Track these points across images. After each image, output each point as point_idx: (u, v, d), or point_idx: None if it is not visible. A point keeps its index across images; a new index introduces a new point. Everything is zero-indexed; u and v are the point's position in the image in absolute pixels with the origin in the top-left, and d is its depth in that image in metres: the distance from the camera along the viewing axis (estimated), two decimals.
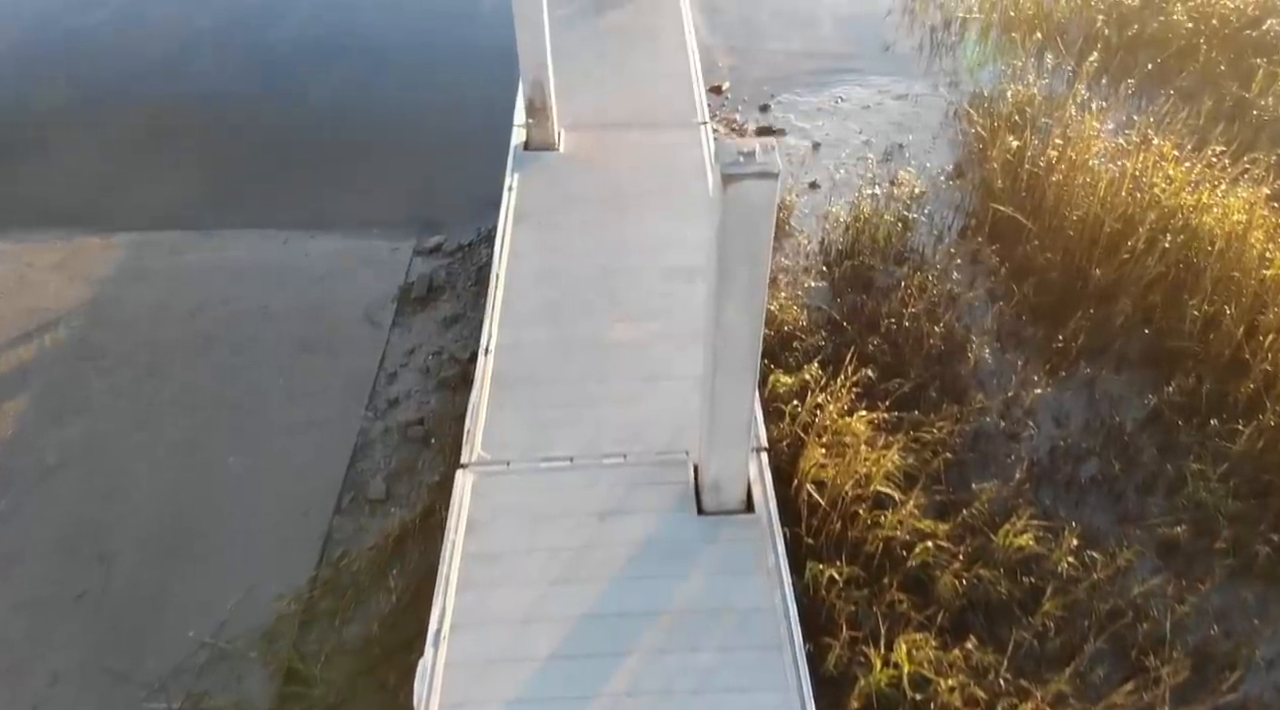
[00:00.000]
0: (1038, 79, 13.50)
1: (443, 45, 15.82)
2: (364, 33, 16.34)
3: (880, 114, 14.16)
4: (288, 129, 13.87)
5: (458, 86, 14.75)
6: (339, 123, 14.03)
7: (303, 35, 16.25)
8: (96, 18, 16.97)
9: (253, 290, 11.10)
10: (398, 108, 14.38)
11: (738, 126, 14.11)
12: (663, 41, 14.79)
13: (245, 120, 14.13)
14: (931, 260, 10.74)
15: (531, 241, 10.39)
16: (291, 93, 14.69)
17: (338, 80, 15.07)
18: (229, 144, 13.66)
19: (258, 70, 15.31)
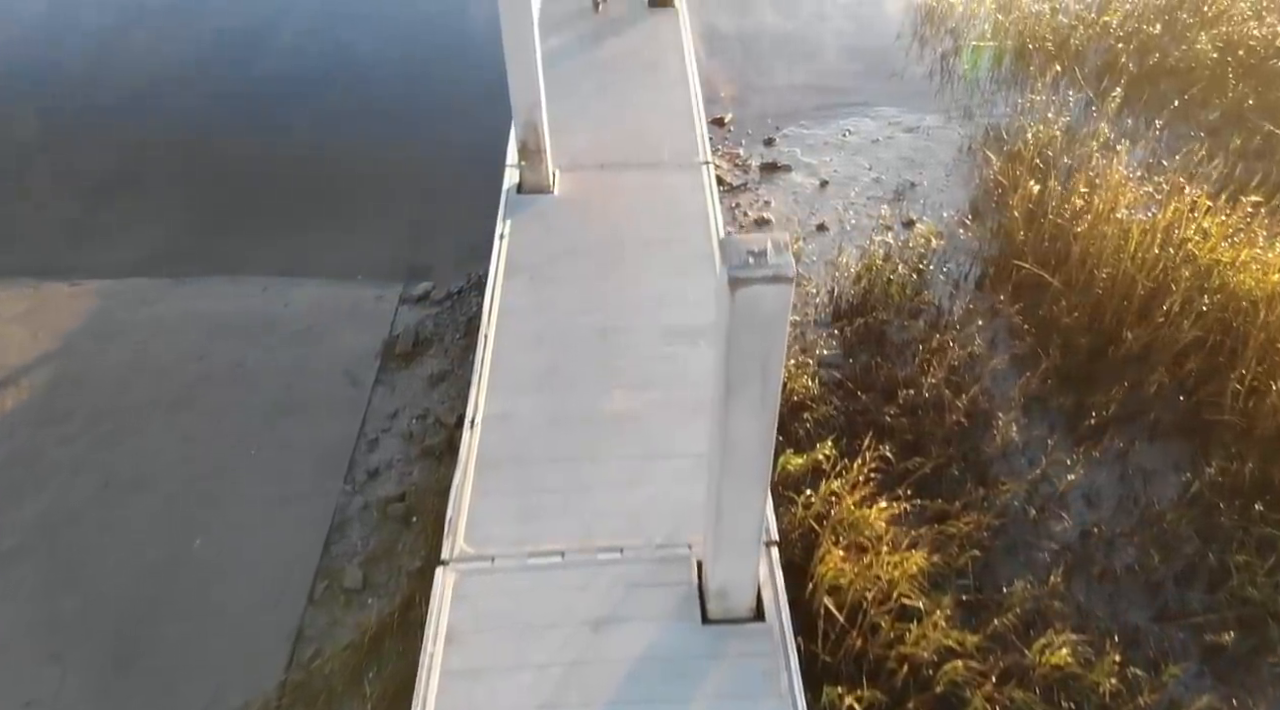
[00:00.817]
0: (1057, 114, 12.90)
1: (433, 79, 15.18)
2: (350, 65, 15.67)
3: (890, 148, 13.53)
4: (268, 167, 13.19)
5: (448, 122, 14.11)
6: (323, 160, 13.35)
7: (285, 68, 15.60)
8: (67, 47, 16.37)
9: (227, 345, 10.46)
10: (385, 145, 13.70)
11: (741, 162, 13.48)
12: (663, 73, 14.18)
13: (223, 158, 13.45)
14: (949, 315, 10.08)
15: (523, 298, 9.75)
16: (272, 129, 14.03)
17: (322, 115, 14.42)
18: (206, 184, 12.99)
19: (237, 105, 14.63)
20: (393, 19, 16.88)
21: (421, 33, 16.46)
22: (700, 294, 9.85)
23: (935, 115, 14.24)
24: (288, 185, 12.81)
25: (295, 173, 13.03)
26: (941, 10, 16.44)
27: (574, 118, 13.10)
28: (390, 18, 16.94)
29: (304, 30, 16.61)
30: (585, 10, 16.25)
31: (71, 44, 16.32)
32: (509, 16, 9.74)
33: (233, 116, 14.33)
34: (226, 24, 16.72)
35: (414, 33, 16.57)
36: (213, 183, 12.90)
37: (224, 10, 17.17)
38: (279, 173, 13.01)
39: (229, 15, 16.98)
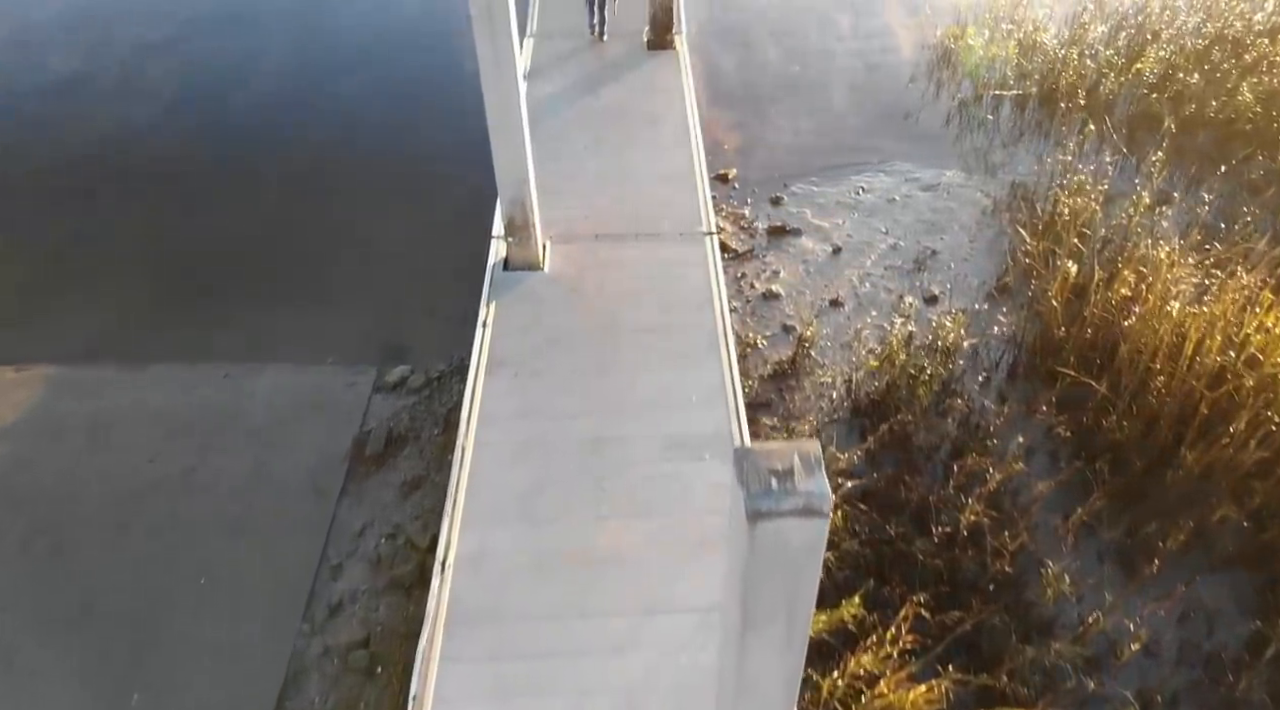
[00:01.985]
0: (1092, 177, 11.89)
1: (416, 133, 14.17)
2: (323, 119, 14.64)
3: (908, 209, 12.54)
4: (233, 236, 12.16)
5: (432, 182, 13.07)
6: (292, 226, 12.31)
7: (251, 124, 14.57)
8: (26, 86, 15.45)
9: (181, 445, 9.46)
10: (361, 207, 12.67)
11: (747, 224, 12.49)
12: (663, 127, 13.19)
13: (184, 226, 12.41)
14: (981, 419, 9.06)
15: (506, 399, 8.74)
16: (238, 193, 12.98)
17: (292, 177, 13.33)
18: (165, 255, 11.93)
19: (199, 166, 13.58)
20: (373, 65, 15.92)
21: (404, 81, 15.50)
22: (704, 392, 8.87)
23: (955, 170, 13.25)
24: (254, 255, 11.79)
25: (262, 241, 12.01)
26: (959, 53, 15.47)
27: (567, 179, 12.17)
28: (370, 63, 15.99)
29: (274, 80, 15.62)
30: (580, 53, 15.31)
31: (29, 92, 15.39)
32: (493, 89, 8.77)
33: (195, 179, 13.27)
34: (191, 75, 15.73)
35: (395, 78, 15.63)
36: (172, 254, 11.86)
37: (189, 61, 16.17)
38: (244, 242, 11.99)
39: (193, 67, 15.98)
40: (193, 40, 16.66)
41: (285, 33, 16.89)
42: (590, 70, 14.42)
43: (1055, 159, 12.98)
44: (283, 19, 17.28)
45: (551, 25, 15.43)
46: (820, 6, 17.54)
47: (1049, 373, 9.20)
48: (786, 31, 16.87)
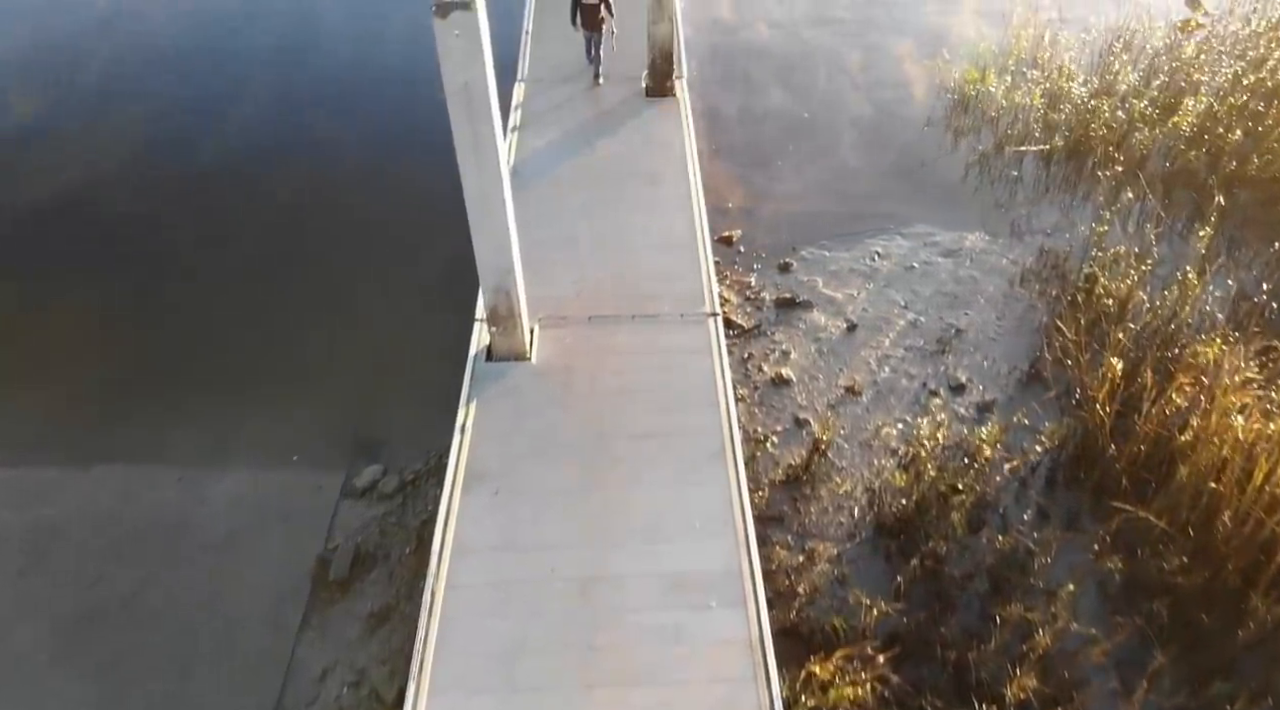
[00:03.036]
0: (1129, 249, 10.96)
1: (398, 182, 13.20)
2: (300, 165, 13.67)
3: (928, 279, 11.56)
4: (198, 305, 11.20)
5: (415, 235, 12.10)
6: (263, 294, 11.35)
7: (227, 166, 13.65)
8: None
9: (127, 564, 8.45)
10: (337, 269, 11.72)
11: (753, 294, 11.50)
12: (663, 187, 12.19)
13: (145, 296, 11.43)
14: (1020, 539, 8.07)
15: (485, 524, 7.70)
16: (208, 252, 12.02)
17: (265, 232, 12.38)
18: (116, 339, 10.91)
19: (166, 222, 12.62)
20: (353, 111, 14.97)
21: (385, 127, 14.53)
22: (709, 515, 7.76)
23: (978, 232, 12.27)
24: (218, 330, 10.78)
25: (228, 314, 11.01)
26: (980, 101, 14.49)
27: (559, 249, 11.11)
28: (350, 109, 15.03)
29: (248, 128, 14.62)
30: (574, 99, 14.31)
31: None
32: (473, 177, 7.79)
33: (158, 241, 12.25)
34: (159, 122, 14.72)
35: (376, 125, 14.66)
36: (129, 330, 10.88)
37: (157, 107, 15.13)
38: (208, 315, 11.00)
39: (162, 113, 14.95)
40: (162, 83, 15.69)
41: (262, 75, 15.95)
42: (585, 120, 13.47)
43: (1087, 222, 12.08)
44: (260, 59, 16.34)
45: (543, 68, 14.49)
46: (828, 43, 16.60)
47: (1096, 487, 8.23)
48: (792, 70, 15.92)
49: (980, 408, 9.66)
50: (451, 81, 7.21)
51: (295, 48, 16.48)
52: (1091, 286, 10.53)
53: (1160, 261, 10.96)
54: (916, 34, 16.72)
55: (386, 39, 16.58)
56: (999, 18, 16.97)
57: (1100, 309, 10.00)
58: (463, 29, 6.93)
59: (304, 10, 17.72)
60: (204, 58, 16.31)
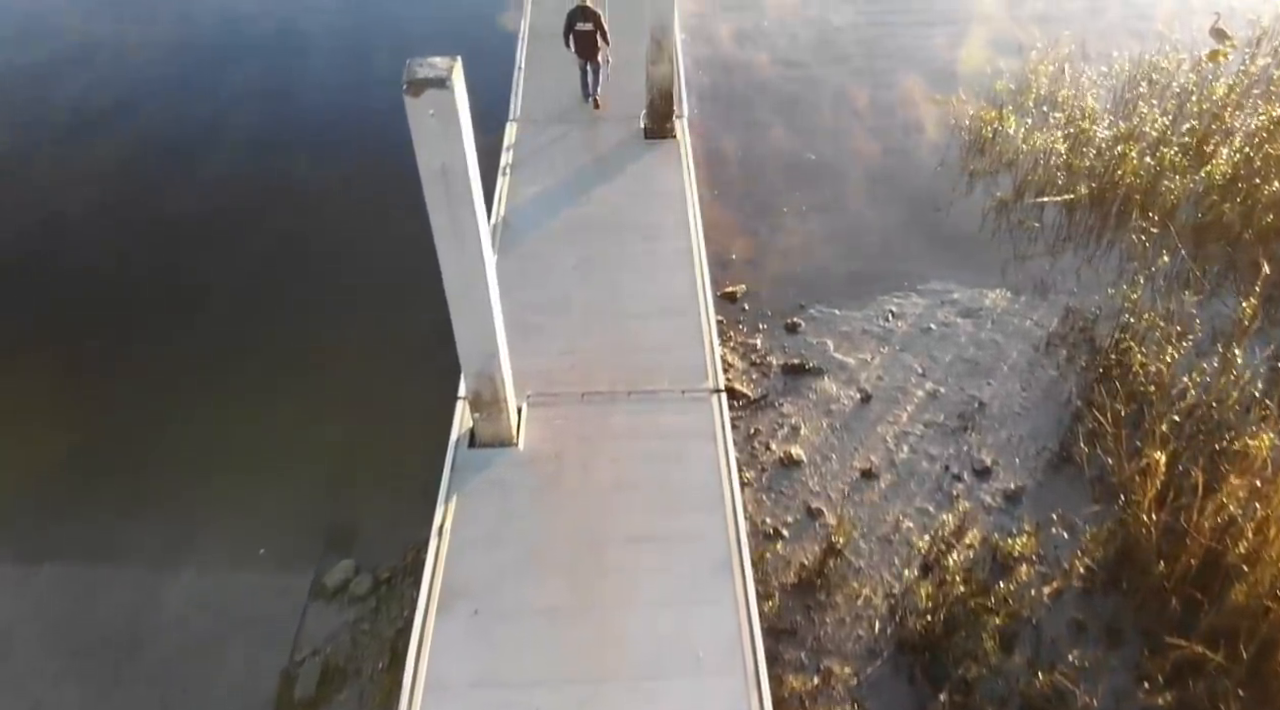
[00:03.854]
0: (1156, 294, 10.23)
1: (383, 227, 12.39)
2: (278, 205, 12.91)
3: (946, 342, 10.78)
4: (161, 374, 10.39)
5: (398, 291, 11.29)
6: (231, 359, 10.54)
7: (201, 207, 12.85)
8: None
9: (74, 683, 7.67)
10: (313, 328, 10.90)
11: (759, 358, 10.72)
12: (663, 243, 11.35)
13: (105, 361, 10.63)
14: (1058, 664, 7.28)
15: (462, 654, 6.85)
16: (174, 309, 11.21)
17: (237, 287, 11.59)
18: (77, 404, 10.13)
19: (133, 272, 11.82)
20: (337, 146, 14.18)
21: (372, 167, 13.73)
22: (715, 643, 6.93)
23: (998, 289, 11.49)
24: (182, 403, 9.99)
25: (193, 383, 10.21)
26: (997, 143, 13.73)
27: (551, 313, 10.28)
28: (334, 144, 14.24)
29: (226, 163, 13.84)
30: (568, 141, 13.49)
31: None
32: (452, 263, 7.00)
33: (123, 296, 11.42)
34: (133, 156, 13.97)
35: (362, 163, 13.87)
36: (84, 404, 10.06)
37: (132, 138, 14.37)
38: (172, 384, 10.19)
39: (137, 145, 14.20)
40: (135, 121, 14.92)
41: (239, 115, 15.14)
42: (580, 165, 12.69)
43: (1115, 278, 11.33)
44: (238, 98, 15.54)
45: (536, 107, 13.72)
46: (833, 76, 15.83)
47: (1140, 605, 7.45)
48: (796, 106, 15.16)
49: (1008, 496, 8.89)
50: (427, 165, 6.44)
51: (275, 86, 15.68)
52: (1122, 355, 9.78)
53: (1197, 330, 10.20)
54: (926, 66, 15.97)
55: (371, 78, 15.78)
56: (1014, 49, 16.25)
57: (1135, 387, 9.23)
58: (438, 108, 6.15)
59: (286, 46, 16.95)
60: (180, 95, 15.53)
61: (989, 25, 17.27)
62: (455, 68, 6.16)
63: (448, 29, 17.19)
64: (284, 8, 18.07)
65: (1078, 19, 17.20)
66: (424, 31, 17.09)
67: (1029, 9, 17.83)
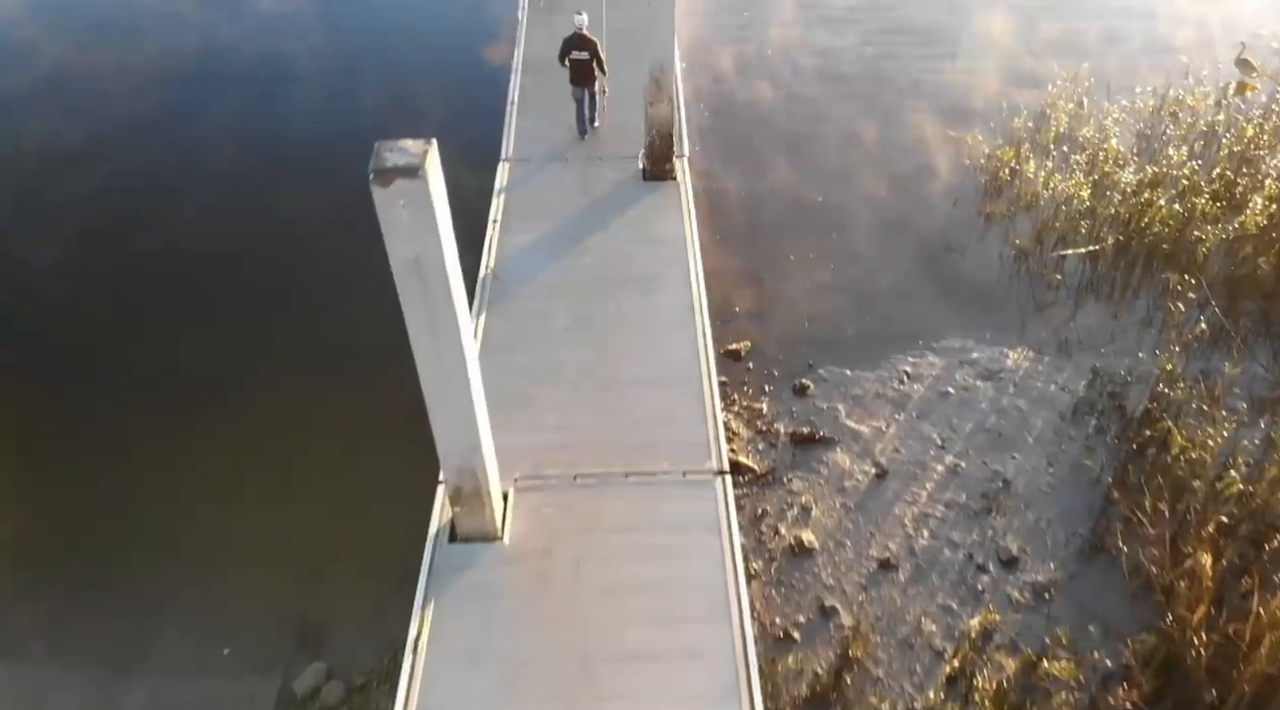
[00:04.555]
0: (1187, 354, 9.50)
1: (366, 280, 11.69)
2: (254, 259, 12.17)
3: (966, 409, 10.06)
4: (120, 452, 9.59)
5: (380, 355, 10.59)
6: (197, 436, 9.75)
7: (173, 261, 12.11)
8: None
9: None
10: (285, 401, 10.11)
11: (766, 425, 9.99)
12: (663, 298, 10.61)
13: (62, 435, 9.85)
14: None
15: None
16: (138, 376, 10.43)
17: (205, 350, 10.79)
18: (28, 485, 9.34)
19: (98, 333, 11.03)
20: (319, 190, 13.45)
21: (354, 209, 13.02)
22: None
23: (1019, 348, 10.77)
24: (143, 485, 9.23)
25: (156, 463, 9.42)
26: (1016, 186, 13.00)
27: (541, 381, 9.52)
28: (315, 187, 13.51)
29: (200, 211, 13.12)
30: (563, 182, 12.66)
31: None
32: (429, 359, 6.29)
33: (86, 359, 10.66)
34: (103, 199, 13.24)
35: (344, 207, 13.16)
36: (36, 485, 9.31)
37: (105, 181, 13.63)
38: (131, 464, 9.42)
39: (109, 188, 13.49)
40: (114, 147, 14.25)
41: (218, 149, 14.42)
42: (575, 211, 11.97)
43: (1143, 335, 10.65)
44: (217, 130, 14.83)
45: (529, 145, 13.01)
46: (840, 110, 15.13)
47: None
48: (801, 142, 14.46)
49: (1037, 591, 8.17)
50: (399, 257, 5.73)
51: (256, 119, 14.97)
52: (1155, 426, 9.09)
53: (1236, 399, 9.52)
54: (937, 99, 15.28)
55: (359, 108, 15.12)
56: (1029, 80, 15.58)
57: (1174, 472, 8.53)
58: (410, 199, 5.44)
59: (268, 74, 16.26)
60: (155, 127, 14.84)
61: (1002, 55, 16.58)
62: (429, 153, 5.45)
63: (436, 57, 16.48)
64: (266, 34, 17.38)
65: (1095, 49, 16.53)
66: (411, 60, 16.38)
67: (1042, 36, 17.16)
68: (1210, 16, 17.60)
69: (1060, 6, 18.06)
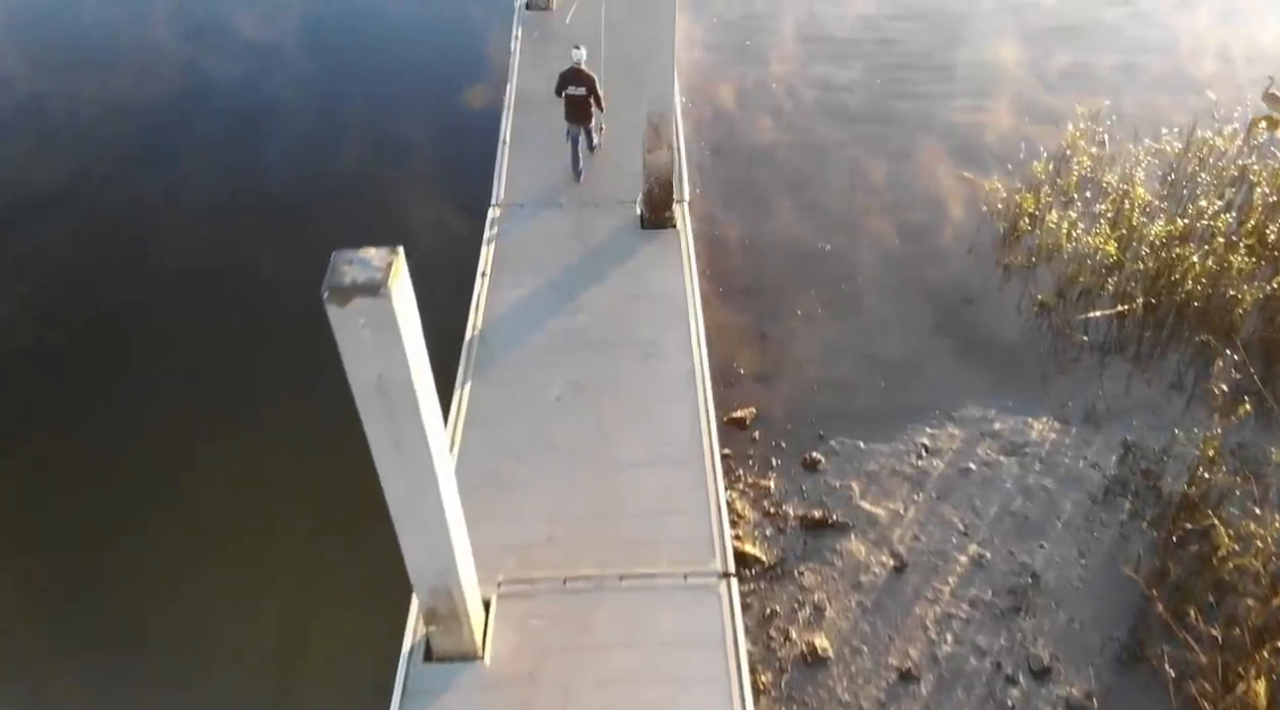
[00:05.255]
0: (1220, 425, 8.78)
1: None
2: (233, 302, 11.54)
3: (990, 489, 9.31)
4: (69, 551, 8.79)
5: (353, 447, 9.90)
6: (148, 549, 8.83)
7: (146, 313, 11.40)
8: None
9: None
10: (260, 477, 9.31)
11: (773, 505, 9.23)
12: (662, 365, 9.87)
13: (19, 517, 9.14)
14: None
15: None
16: (89, 463, 9.57)
17: (174, 413, 10.05)
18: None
19: (60, 393, 10.33)
20: (303, 229, 12.73)
21: None
22: None
23: (1044, 418, 10.02)
24: (94, 596, 8.47)
25: (105, 573, 8.61)
26: (1036, 234, 12.24)
27: (529, 463, 8.76)
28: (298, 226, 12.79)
29: (178, 252, 12.41)
30: (555, 230, 11.90)
31: None
32: (395, 479, 5.56)
33: (28, 448, 9.81)
34: (78, 247, 12.54)
35: None
36: None
37: (83, 223, 12.92)
38: (82, 575, 8.60)
39: (86, 232, 12.78)
40: (81, 189, 13.53)
41: (199, 183, 13.73)
42: (568, 263, 11.23)
43: (1177, 404, 9.93)
44: (198, 163, 14.12)
45: (521, 188, 12.29)
46: (846, 148, 14.36)
47: None
48: (808, 183, 13.70)
49: (1072, 708, 7.43)
50: (360, 378, 4.99)
51: (237, 163, 14.21)
52: (1195, 516, 8.37)
53: None
54: (947, 136, 14.55)
55: (343, 147, 14.38)
56: (1045, 117, 14.87)
57: (1220, 574, 7.80)
58: (372, 319, 4.70)
59: (252, 102, 15.56)
60: (132, 159, 14.14)
61: (1014, 87, 15.87)
62: (395, 264, 4.70)
63: (425, 92, 15.72)
64: (249, 63, 16.65)
65: (1112, 81, 15.82)
66: (399, 95, 15.61)
67: (1056, 68, 16.44)
68: (1232, 46, 16.92)
69: (1074, 37, 17.33)
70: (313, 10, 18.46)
